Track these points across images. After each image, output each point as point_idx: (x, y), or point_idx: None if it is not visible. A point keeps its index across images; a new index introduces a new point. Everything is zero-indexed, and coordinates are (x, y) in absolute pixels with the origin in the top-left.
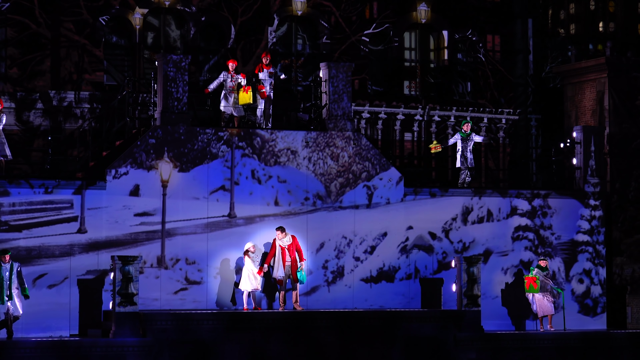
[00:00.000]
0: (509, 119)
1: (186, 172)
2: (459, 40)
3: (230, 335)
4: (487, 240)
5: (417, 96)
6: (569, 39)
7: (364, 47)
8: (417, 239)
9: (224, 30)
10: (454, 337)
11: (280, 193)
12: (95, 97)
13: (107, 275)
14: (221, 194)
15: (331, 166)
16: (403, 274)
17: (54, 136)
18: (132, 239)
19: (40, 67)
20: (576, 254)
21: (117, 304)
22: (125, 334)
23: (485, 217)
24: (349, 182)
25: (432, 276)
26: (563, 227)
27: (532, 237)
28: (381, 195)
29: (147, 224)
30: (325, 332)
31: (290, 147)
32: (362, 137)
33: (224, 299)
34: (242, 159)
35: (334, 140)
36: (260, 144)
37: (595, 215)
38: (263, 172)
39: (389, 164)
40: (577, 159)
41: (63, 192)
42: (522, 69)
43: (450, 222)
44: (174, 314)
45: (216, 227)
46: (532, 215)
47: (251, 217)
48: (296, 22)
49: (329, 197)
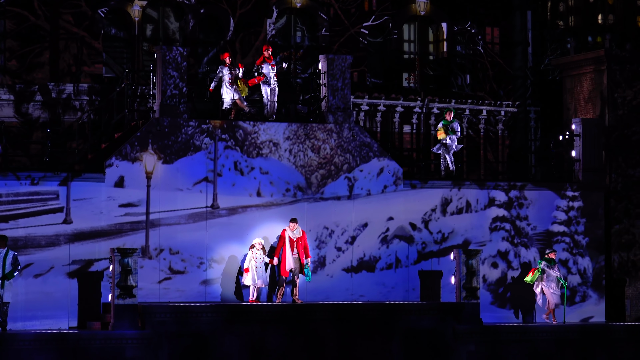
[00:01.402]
0: (508, 111)
1: (170, 164)
2: (457, 32)
3: (230, 328)
4: (465, 231)
5: (416, 88)
6: (568, 31)
7: (363, 39)
8: (397, 230)
9: (223, 22)
10: (452, 330)
11: (262, 184)
12: (94, 89)
13: (92, 264)
14: (204, 185)
15: (312, 158)
16: (384, 263)
17: (52, 128)
18: (117, 230)
19: (39, 60)
20: (552, 244)
21: (116, 296)
22: (124, 326)
23: (464, 208)
24: (330, 174)
25: (413, 266)
26: (538, 217)
27: (508, 227)
28: (362, 186)
29: (132, 214)
30: (324, 324)
31: (273, 139)
32: (354, 128)
33: (228, 294)
34: (225, 151)
35: (314, 133)
36: (242, 136)
37: (574, 206)
38: (245, 163)
39: (369, 156)
40: (575, 151)
41: (49, 183)
42: (521, 61)
43: (430, 213)
44: (173, 307)
45: (199, 218)
46: (509, 207)
47: (234, 207)
48: (295, 14)
49: (309, 188)
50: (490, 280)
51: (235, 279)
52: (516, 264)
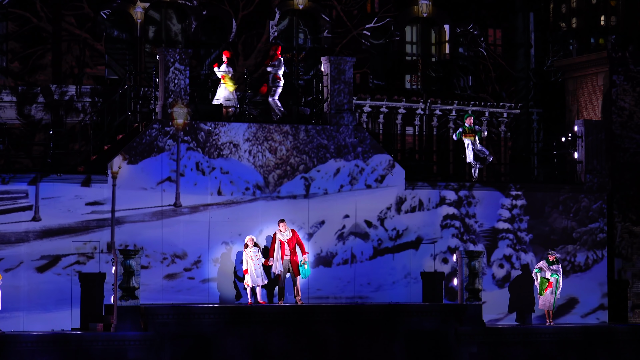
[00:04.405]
0: (511, 113)
1: (135, 165)
2: (460, 34)
3: (232, 330)
4: (418, 228)
5: (418, 90)
6: (571, 33)
7: (365, 41)
8: (353, 227)
9: (225, 24)
10: (455, 331)
11: (223, 183)
12: (96, 91)
13: (60, 260)
14: (167, 184)
15: (269, 159)
16: (340, 259)
17: (55, 130)
18: (84, 227)
19: (41, 61)
20: (497, 240)
21: (118, 297)
22: (127, 327)
23: (417, 206)
24: (286, 174)
25: (368, 261)
26: (485, 215)
27: (458, 224)
28: (319, 186)
29: (98, 212)
30: (326, 325)
31: (233, 140)
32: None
33: (227, 295)
34: (187, 152)
35: (272, 135)
36: (204, 138)
37: (517, 204)
38: (207, 164)
39: (326, 157)
40: (578, 153)
41: (18, 184)
42: (524, 62)
43: (385, 211)
44: (175, 308)
45: (163, 216)
46: (459, 205)
47: (195, 206)
48: (297, 16)
49: (267, 187)
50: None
51: (233, 284)
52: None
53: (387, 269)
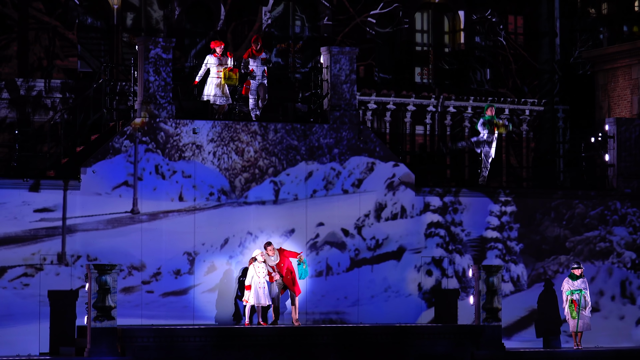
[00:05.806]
0: (533, 110)
1: (88, 167)
2: (476, 21)
3: (220, 354)
4: (400, 237)
5: (429, 85)
6: (601, 20)
7: (370, 29)
8: (328, 236)
9: (213, 10)
10: (471, 355)
11: (184, 188)
12: (67, 85)
13: (5, 272)
14: (124, 189)
15: (236, 161)
16: (313, 271)
17: (21, 130)
18: (32, 235)
19: (5, 52)
20: (485, 250)
21: (92, 318)
22: (102, 352)
23: (399, 213)
24: (254, 178)
25: (345, 273)
26: (472, 223)
27: (443, 233)
28: (288, 191)
29: (48, 220)
30: (327, 349)
31: (195, 141)
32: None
33: (223, 315)
34: (145, 154)
35: (238, 135)
36: (164, 139)
37: (507, 211)
38: (167, 167)
39: (296, 159)
40: (609, 155)
41: None
42: (548, 53)
43: (363, 219)
44: (156, 330)
45: (119, 224)
46: (444, 212)
47: (155, 212)
48: (294, 2)
49: (233, 192)
50: (425, 289)
51: (234, 302)
52: (451, 272)
53: (365, 281)
